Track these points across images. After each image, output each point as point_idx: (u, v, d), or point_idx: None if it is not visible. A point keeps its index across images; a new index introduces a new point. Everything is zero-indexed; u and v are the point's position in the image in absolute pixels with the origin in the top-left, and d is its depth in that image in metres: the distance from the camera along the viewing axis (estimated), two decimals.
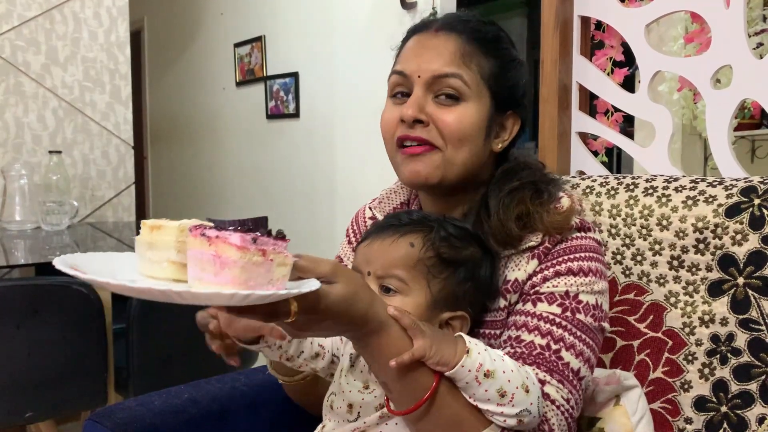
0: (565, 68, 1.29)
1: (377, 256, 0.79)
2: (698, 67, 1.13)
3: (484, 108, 0.85)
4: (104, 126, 2.84)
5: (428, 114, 0.84)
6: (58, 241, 2.16)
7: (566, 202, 0.85)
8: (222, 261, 0.54)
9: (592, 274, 0.81)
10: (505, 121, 0.89)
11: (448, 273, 0.78)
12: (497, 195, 0.85)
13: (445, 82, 0.83)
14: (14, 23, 2.57)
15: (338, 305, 0.63)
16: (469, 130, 0.83)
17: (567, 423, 0.75)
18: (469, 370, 0.67)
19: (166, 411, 0.98)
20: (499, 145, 0.89)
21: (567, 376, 0.76)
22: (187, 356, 1.75)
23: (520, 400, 0.68)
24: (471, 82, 0.83)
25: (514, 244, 0.83)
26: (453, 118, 0.83)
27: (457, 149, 0.84)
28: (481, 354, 0.68)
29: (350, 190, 3.21)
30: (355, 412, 0.79)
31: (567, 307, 0.79)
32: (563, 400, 0.75)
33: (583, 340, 0.78)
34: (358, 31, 3.15)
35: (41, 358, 1.54)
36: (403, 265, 0.77)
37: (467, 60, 0.84)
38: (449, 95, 0.83)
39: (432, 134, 0.84)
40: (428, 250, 0.78)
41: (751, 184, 0.92)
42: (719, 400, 0.90)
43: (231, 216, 4.09)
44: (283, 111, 3.60)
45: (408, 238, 0.78)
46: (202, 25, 4.28)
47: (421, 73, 0.84)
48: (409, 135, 0.84)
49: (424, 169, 0.84)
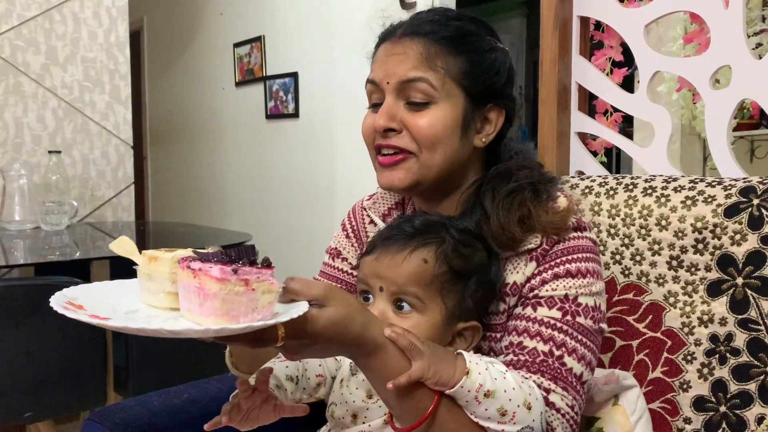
0: (565, 68, 1.29)
1: (389, 273, 0.78)
2: (697, 68, 1.13)
3: (456, 107, 0.85)
4: (104, 126, 2.84)
5: (400, 120, 0.84)
6: (57, 241, 2.16)
7: (563, 202, 0.85)
8: (204, 293, 0.56)
9: (590, 276, 0.82)
10: (487, 114, 0.88)
11: (462, 285, 0.78)
12: (492, 196, 0.84)
13: (412, 86, 0.83)
14: (14, 23, 2.57)
15: (329, 329, 0.63)
16: (442, 131, 0.83)
17: (571, 428, 0.76)
18: (469, 391, 0.67)
19: (165, 411, 0.98)
20: (483, 140, 0.88)
21: (571, 382, 0.76)
22: (187, 356, 1.75)
23: (521, 418, 0.68)
24: (438, 83, 0.83)
25: (514, 247, 0.82)
26: (424, 122, 0.83)
27: (432, 152, 0.84)
28: (482, 374, 0.68)
29: (349, 190, 3.21)
30: (359, 421, 0.79)
31: (567, 311, 0.79)
32: (568, 407, 0.75)
33: (584, 344, 0.79)
34: (358, 32, 3.14)
35: (40, 358, 1.54)
36: (417, 283, 0.76)
37: (431, 62, 0.83)
38: (418, 101, 0.83)
39: (405, 141, 0.84)
40: (442, 265, 0.77)
41: (750, 184, 0.92)
42: (718, 400, 0.91)
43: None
44: (282, 111, 3.60)
45: (420, 253, 0.78)
46: (201, 25, 4.28)
47: (389, 80, 0.84)
48: (383, 144, 0.85)
49: (398, 177, 0.85)
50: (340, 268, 1.00)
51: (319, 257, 0.88)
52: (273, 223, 3.69)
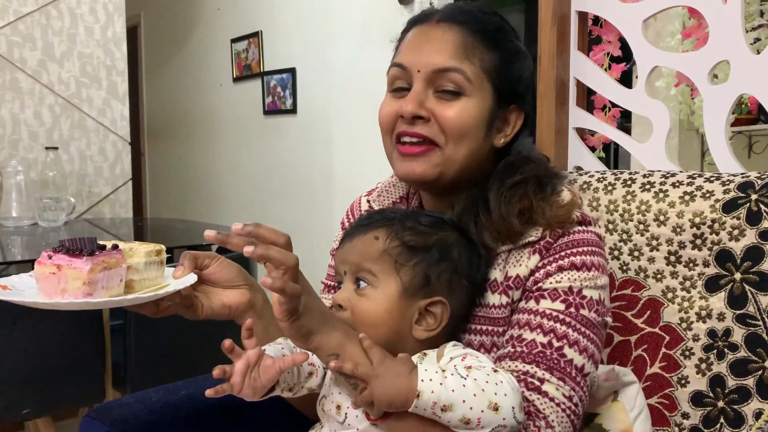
0: (563, 64, 1.29)
1: (348, 256, 0.80)
2: (696, 63, 1.13)
3: (485, 102, 0.84)
4: (101, 122, 2.83)
5: (428, 109, 0.82)
6: (54, 237, 2.16)
7: (567, 196, 0.84)
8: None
9: (594, 269, 0.81)
10: (507, 115, 0.87)
11: (419, 259, 0.78)
12: (498, 189, 0.83)
13: (446, 76, 0.81)
14: (10, 19, 2.57)
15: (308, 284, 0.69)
16: (471, 125, 0.82)
17: (570, 421, 0.74)
18: (425, 409, 0.66)
19: (163, 407, 0.98)
20: (502, 140, 0.87)
21: (569, 373, 0.75)
22: (185, 353, 1.75)
23: (489, 421, 0.67)
24: (473, 76, 0.82)
25: (513, 239, 0.82)
26: (454, 113, 0.81)
27: (458, 145, 0.82)
28: (436, 391, 0.66)
29: (347, 186, 3.21)
30: (342, 413, 0.79)
31: (571, 303, 0.78)
32: (564, 397, 0.74)
33: (588, 336, 0.78)
34: (356, 27, 3.14)
35: (39, 354, 1.54)
36: (368, 259, 0.78)
37: (469, 53, 0.82)
38: (450, 90, 0.82)
39: (432, 130, 0.82)
40: (393, 240, 0.78)
41: (748, 180, 0.92)
42: (716, 395, 0.91)
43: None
44: (280, 107, 3.60)
45: (373, 232, 0.79)
46: (198, 21, 4.27)
47: (420, 68, 0.82)
48: (407, 131, 0.83)
49: (421, 168, 0.83)
50: None
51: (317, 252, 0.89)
52: (270, 218, 3.69)
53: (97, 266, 0.71)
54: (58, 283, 0.70)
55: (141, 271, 0.77)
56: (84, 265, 0.70)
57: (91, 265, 0.70)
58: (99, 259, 0.71)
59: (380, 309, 0.76)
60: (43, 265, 0.71)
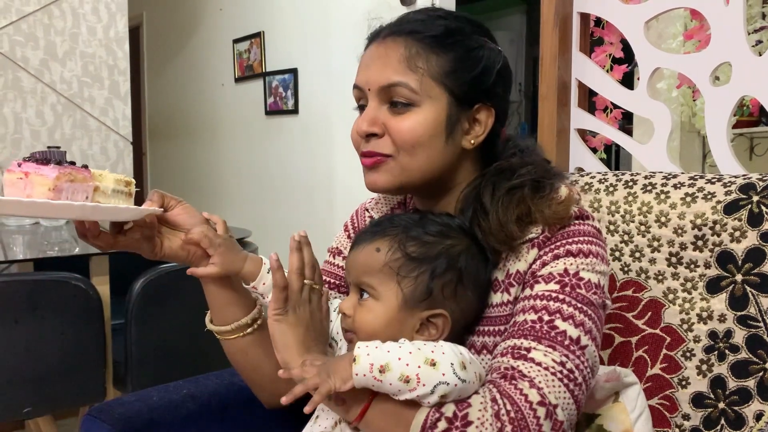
0: (565, 65, 1.29)
1: (352, 267, 0.82)
2: (697, 64, 1.13)
3: (439, 108, 0.83)
4: (103, 122, 2.84)
5: (383, 124, 0.84)
6: (56, 236, 2.16)
7: (564, 192, 0.84)
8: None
9: (592, 256, 0.80)
10: (474, 115, 0.86)
11: (422, 270, 0.78)
12: (491, 192, 0.83)
13: (392, 91, 0.82)
14: (12, 18, 2.57)
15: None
16: (424, 134, 0.82)
17: (566, 386, 0.71)
18: (365, 375, 0.68)
19: (164, 406, 0.98)
20: (472, 141, 0.86)
21: (561, 341, 0.73)
22: (186, 351, 1.75)
23: (427, 377, 0.68)
24: (418, 86, 0.82)
25: (512, 244, 0.82)
26: (406, 125, 0.82)
27: (412, 155, 0.83)
28: (371, 354, 0.69)
29: (348, 186, 3.21)
30: None
31: (566, 284, 0.77)
32: (554, 362, 0.72)
33: (584, 312, 0.76)
34: (358, 27, 3.14)
35: (40, 353, 1.54)
36: (370, 271, 0.79)
37: (412, 64, 0.82)
38: (402, 102, 0.83)
39: (382, 144, 0.84)
40: (395, 252, 0.79)
41: (749, 181, 0.92)
42: (717, 396, 0.91)
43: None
44: (282, 107, 3.60)
45: (375, 244, 0.80)
46: (201, 21, 4.28)
47: (371, 86, 0.84)
48: (364, 150, 0.86)
49: (379, 179, 0.85)
50: (341, 265, 1.01)
51: (317, 252, 0.88)
52: (272, 218, 3.69)
53: (64, 176, 0.72)
54: (24, 189, 0.72)
55: (108, 196, 0.80)
56: (50, 172, 0.71)
57: (58, 173, 0.72)
58: (66, 170, 0.73)
59: (379, 320, 0.78)
60: (12, 172, 0.72)
